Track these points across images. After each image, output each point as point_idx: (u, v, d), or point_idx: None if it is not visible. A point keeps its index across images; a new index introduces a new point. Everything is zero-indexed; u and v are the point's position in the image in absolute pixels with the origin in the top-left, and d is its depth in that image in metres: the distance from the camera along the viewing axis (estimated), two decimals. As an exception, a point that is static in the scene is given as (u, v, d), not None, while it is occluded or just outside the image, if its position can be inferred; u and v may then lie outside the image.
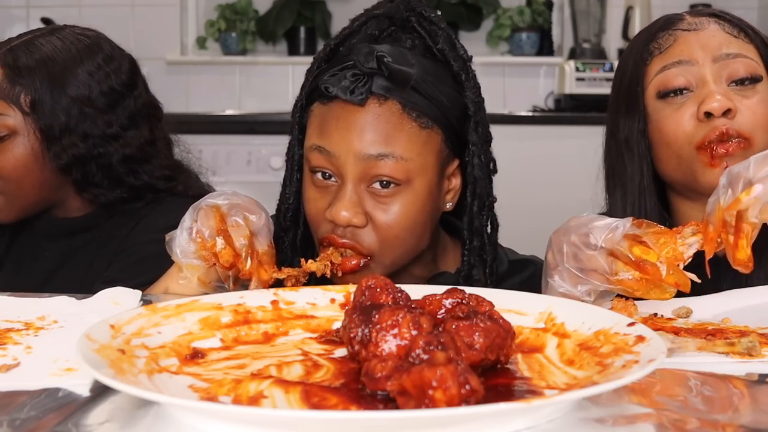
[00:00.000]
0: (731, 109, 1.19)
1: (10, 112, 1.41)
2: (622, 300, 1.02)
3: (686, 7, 3.00)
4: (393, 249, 1.17)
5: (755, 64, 1.22)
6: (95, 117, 1.43)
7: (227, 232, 1.09)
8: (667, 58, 1.23)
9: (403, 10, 1.21)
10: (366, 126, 1.14)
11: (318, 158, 1.16)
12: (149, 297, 1.14)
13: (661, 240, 0.99)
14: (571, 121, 3.32)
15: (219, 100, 3.72)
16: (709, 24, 1.25)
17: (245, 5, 3.78)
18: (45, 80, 1.41)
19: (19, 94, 1.41)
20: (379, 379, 0.67)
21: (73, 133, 1.41)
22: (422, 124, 1.16)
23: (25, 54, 1.42)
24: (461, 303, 0.79)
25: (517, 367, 0.77)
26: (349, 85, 1.14)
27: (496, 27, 3.81)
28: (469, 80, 1.22)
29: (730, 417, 0.70)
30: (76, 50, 1.45)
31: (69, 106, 1.41)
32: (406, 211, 1.16)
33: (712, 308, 1.02)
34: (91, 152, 1.43)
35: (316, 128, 1.18)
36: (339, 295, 0.95)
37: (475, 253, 1.24)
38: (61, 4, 3.67)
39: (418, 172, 1.16)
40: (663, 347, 0.71)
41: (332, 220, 1.15)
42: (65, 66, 1.43)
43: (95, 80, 1.44)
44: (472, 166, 1.22)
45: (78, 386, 0.75)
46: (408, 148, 1.14)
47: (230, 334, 0.87)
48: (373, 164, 1.13)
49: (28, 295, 1.11)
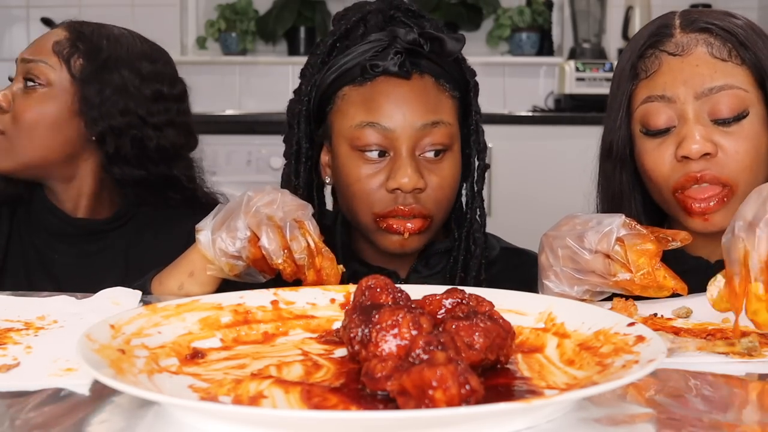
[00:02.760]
0: (710, 153, 1.14)
1: (56, 66, 1.43)
2: (622, 300, 1.02)
3: (686, 6, 3.00)
4: (445, 208, 1.28)
5: (742, 93, 1.16)
6: (139, 100, 1.45)
7: (289, 247, 1.09)
8: (652, 88, 1.19)
9: (387, 8, 1.30)
10: (415, 98, 1.24)
11: (370, 134, 1.23)
12: (149, 298, 1.14)
13: (640, 260, 1.01)
14: (571, 121, 3.32)
15: (219, 100, 3.72)
16: (696, 47, 1.18)
17: (245, 5, 3.78)
18: (101, 55, 1.44)
19: (73, 54, 1.43)
20: (379, 379, 0.67)
21: (114, 106, 1.43)
22: (452, 94, 1.28)
23: (92, 30, 1.47)
24: (461, 303, 0.79)
25: (517, 367, 0.77)
26: (396, 60, 1.23)
27: (496, 27, 3.81)
28: (464, 59, 1.33)
29: (730, 417, 0.70)
30: (140, 48, 1.49)
31: (117, 82, 1.44)
32: (453, 173, 1.27)
33: (713, 308, 1.01)
34: (129, 127, 1.44)
35: (360, 107, 1.25)
36: (339, 295, 0.95)
37: (476, 214, 1.34)
38: (61, 4, 3.67)
39: (456, 137, 1.28)
40: (663, 347, 0.71)
41: (398, 188, 1.22)
42: (125, 53, 1.46)
43: (149, 77, 1.47)
44: (477, 133, 1.33)
45: (78, 386, 0.75)
46: (450, 114, 1.27)
47: (230, 334, 0.87)
48: (427, 132, 1.23)
49: (28, 295, 1.11)
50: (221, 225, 1.12)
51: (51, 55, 1.43)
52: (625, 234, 1.03)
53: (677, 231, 1.07)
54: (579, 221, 1.08)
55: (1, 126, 1.43)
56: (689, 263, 1.22)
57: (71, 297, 1.07)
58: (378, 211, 1.24)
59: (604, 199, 1.28)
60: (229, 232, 1.11)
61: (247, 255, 1.10)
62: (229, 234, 1.11)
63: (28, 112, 1.42)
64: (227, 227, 1.11)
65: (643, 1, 3.61)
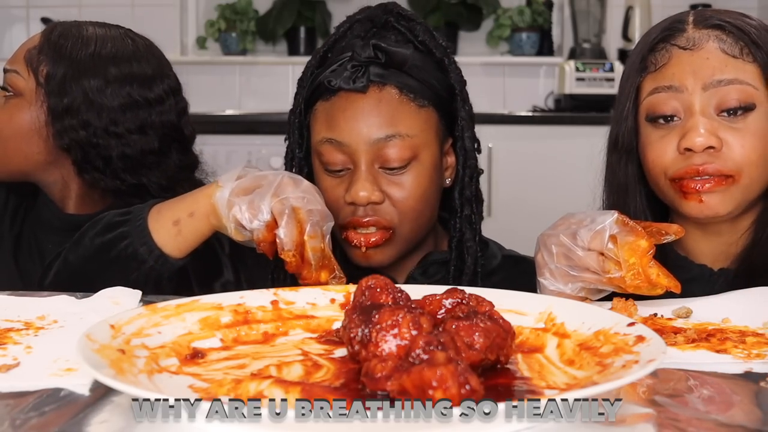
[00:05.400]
0: (714, 147, 1.14)
1: (25, 75, 1.44)
2: (622, 300, 1.02)
3: (686, 6, 3.00)
4: (411, 220, 1.26)
5: (751, 90, 1.15)
6: (102, 111, 1.44)
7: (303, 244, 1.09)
8: (660, 79, 1.19)
9: (381, 14, 1.30)
10: (371, 111, 1.23)
11: (330, 150, 1.25)
12: (150, 298, 1.14)
13: (631, 260, 1.02)
14: (571, 121, 3.32)
15: (219, 100, 3.72)
16: (708, 41, 1.17)
17: (245, 5, 3.78)
18: (66, 61, 1.43)
19: (41, 63, 1.43)
20: (379, 379, 0.67)
21: (75, 118, 1.42)
22: (419, 104, 1.26)
23: (65, 31, 1.46)
24: (461, 303, 0.79)
25: (517, 367, 0.77)
26: (350, 75, 1.24)
27: (496, 27, 3.82)
28: (451, 63, 1.32)
29: (730, 417, 0.70)
30: (111, 49, 1.47)
31: (79, 93, 1.43)
32: (418, 184, 1.25)
33: (712, 308, 1.02)
34: (90, 140, 1.43)
35: (323, 123, 1.26)
36: (339, 295, 0.95)
37: (466, 221, 1.32)
38: (61, 4, 3.67)
39: (422, 148, 1.26)
40: (663, 347, 0.71)
41: (352, 202, 1.23)
42: (94, 57, 1.45)
43: (117, 82, 1.45)
44: (463, 139, 1.32)
45: (78, 386, 0.75)
46: (411, 126, 1.24)
47: (230, 334, 0.87)
48: (382, 146, 1.23)
49: (28, 295, 1.11)
50: (242, 191, 1.12)
51: (21, 63, 1.44)
52: (618, 231, 1.03)
53: (670, 224, 1.07)
54: (574, 220, 1.08)
55: None
56: (693, 271, 1.23)
57: (71, 297, 1.07)
58: (340, 222, 1.25)
59: (610, 192, 1.27)
60: (251, 209, 1.10)
61: (257, 235, 1.10)
62: (249, 209, 1.10)
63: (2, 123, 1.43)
64: (250, 202, 1.11)
65: (643, 1, 3.62)
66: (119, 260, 1.18)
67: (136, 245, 1.17)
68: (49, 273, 1.25)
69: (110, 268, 1.19)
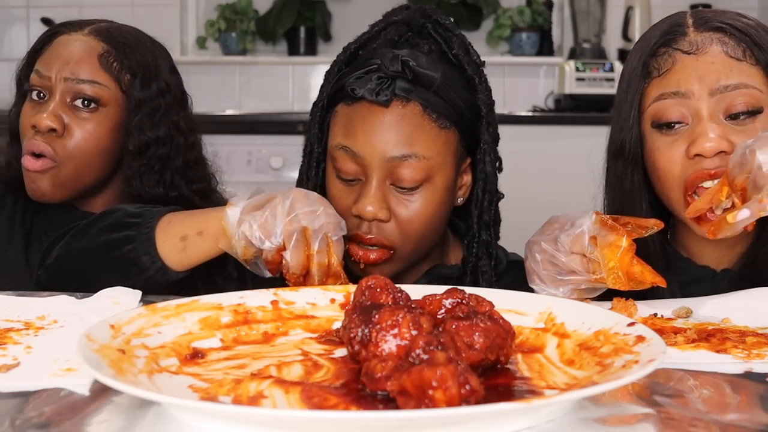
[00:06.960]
0: (725, 151, 1.13)
1: (109, 84, 1.40)
2: (622, 300, 1.03)
3: (686, 6, 3.00)
4: (414, 242, 1.23)
5: (757, 93, 1.15)
6: (172, 107, 1.44)
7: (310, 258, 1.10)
8: (665, 85, 1.17)
9: (419, 17, 1.27)
10: (390, 127, 1.20)
11: (344, 158, 1.22)
12: (150, 298, 1.14)
13: (611, 264, 1.02)
14: (571, 121, 3.32)
15: (219, 100, 3.71)
16: (711, 45, 1.16)
17: (245, 5, 3.78)
18: (139, 65, 1.41)
19: (122, 69, 1.40)
20: (379, 379, 0.67)
21: (150, 117, 1.41)
22: (441, 125, 1.22)
23: (129, 38, 1.44)
24: (461, 303, 0.79)
25: (517, 367, 0.77)
26: (375, 87, 1.19)
27: (496, 27, 3.81)
28: (482, 83, 1.29)
29: (730, 417, 0.70)
30: (164, 52, 1.48)
31: (156, 92, 1.42)
32: (426, 206, 1.22)
33: (712, 308, 1.02)
34: (167, 138, 1.42)
35: (341, 128, 1.24)
36: (339, 295, 0.95)
37: (483, 246, 1.30)
38: (61, 4, 3.66)
39: (437, 170, 1.22)
40: (663, 347, 0.71)
41: (359, 215, 1.20)
42: (156, 61, 1.44)
43: (174, 76, 1.46)
44: (484, 163, 1.29)
45: (78, 386, 0.75)
46: (429, 147, 1.21)
47: (230, 334, 0.87)
48: (397, 164, 1.19)
49: (28, 295, 1.11)
50: (254, 208, 1.13)
51: (100, 72, 1.39)
52: (598, 232, 1.04)
53: (648, 219, 1.08)
54: (557, 224, 1.10)
55: (55, 154, 1.38)
56: (696, 273, 1.22)
57: (71, 297, 1.07)
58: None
59: (614, 199, 1.26)
60: (263, 229, 1.11)
61: (266, 256, 1.11)
62: (262, 230, 1.11)
63: (89, 139, 1.38)
64: (263, 225, 1.11)
65: (643, 1, 3.61)
66: (120, 262, 1.17)
67: (140, 252, 1.17)
68: (50, 254, 1.24)
69: (110, 267, 1.18)
